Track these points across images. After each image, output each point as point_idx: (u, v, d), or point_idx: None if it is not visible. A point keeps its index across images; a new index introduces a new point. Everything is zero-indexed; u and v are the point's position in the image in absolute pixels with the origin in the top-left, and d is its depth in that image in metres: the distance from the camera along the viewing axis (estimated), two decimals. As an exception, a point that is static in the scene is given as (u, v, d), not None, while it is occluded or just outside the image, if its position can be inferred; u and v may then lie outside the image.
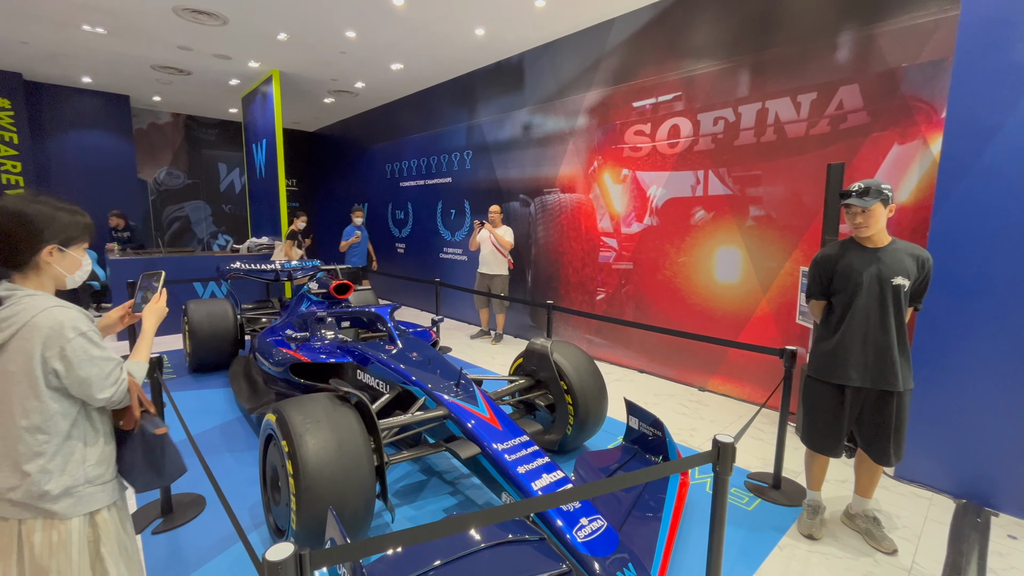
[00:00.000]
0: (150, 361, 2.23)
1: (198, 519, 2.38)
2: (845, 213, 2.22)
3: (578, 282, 5.47)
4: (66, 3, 4.84)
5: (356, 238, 7.01)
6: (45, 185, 7.89)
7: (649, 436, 2.70)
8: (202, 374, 4.57)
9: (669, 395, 4.29)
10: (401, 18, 5.02)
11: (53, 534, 1.18)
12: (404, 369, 2.73)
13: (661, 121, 4.53)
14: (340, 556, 0.99)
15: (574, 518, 1.93)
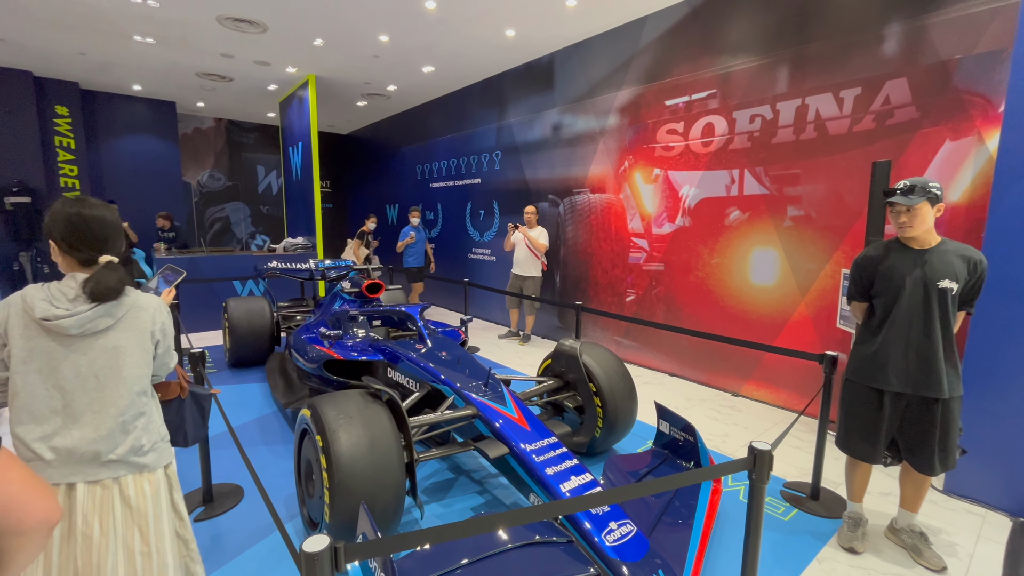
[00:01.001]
0: (192, 356, 2.35)
1: (236, 508, 2.47)
2: (889, 212, 2.12)
3: (607, 283, 5.41)
4: (120, 15, 5.11)
5: (411, 239, 6.90)
6: (98, 188, 8.36)
7: (680, 441, 2.64)
8: (240, 369, 4.74)
9: (701, 400, 4.19)
10: (433, 21, 5.09)
11: (146, 485, 1.37)
12: (433, 368, 2.76)
13: (695, 119, 4.44)
14: (373, 550, 1.00)
15: (603, 522, 1.91)
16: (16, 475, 0.73)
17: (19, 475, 0.73)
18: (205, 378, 2.35)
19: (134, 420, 1.36)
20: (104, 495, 1.30)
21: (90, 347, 1.32)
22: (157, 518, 1.37)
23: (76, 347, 1.31)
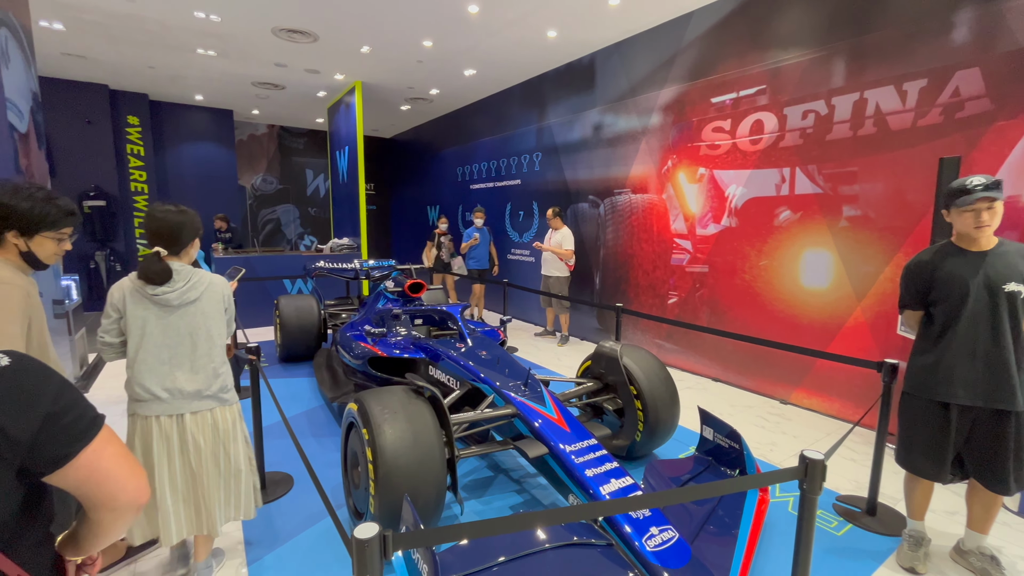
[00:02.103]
0: (248, 350, 2.48)
1: (287, 496, 2.60)
2: (960, 212, 1.98)
3: (648, 285, 5.32)
4: (185, 31, 5.46)
5: (475, 240, 6.71)
6: (164, 192, 8.95)
7: (725, 447, 2.56)
8: (290, 364, 4.96)
9: (746, 406, 4.05)
10: (475, 25, 5.16)
11: (229, 414, 1.92)
12: (473, 367, 2.80)
13: (742, 117, 4.29)
14: (418, 540, 1.04)
15: (644, 526, 1.88)
16: (114, 451, 0.79)
17: (116, 452, 0.80)
18: (260, 370, 2.48)
19: (220, 367, 1.89)
20: (203, 421, 1.84)
21: (185, 314, 1.82)
22: (235, 438, 1.92)
23: (176, 314, 1.81)
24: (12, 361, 0.72)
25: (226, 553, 2.17)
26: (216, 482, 1.86)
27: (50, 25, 5.30)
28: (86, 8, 4.90)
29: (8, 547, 0.72)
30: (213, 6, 4.84)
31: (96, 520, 0.82)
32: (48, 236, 1.60)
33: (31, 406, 0.70)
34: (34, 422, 0.70)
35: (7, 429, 0.67)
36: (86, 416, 0.77)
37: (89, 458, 0.75)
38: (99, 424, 0.79)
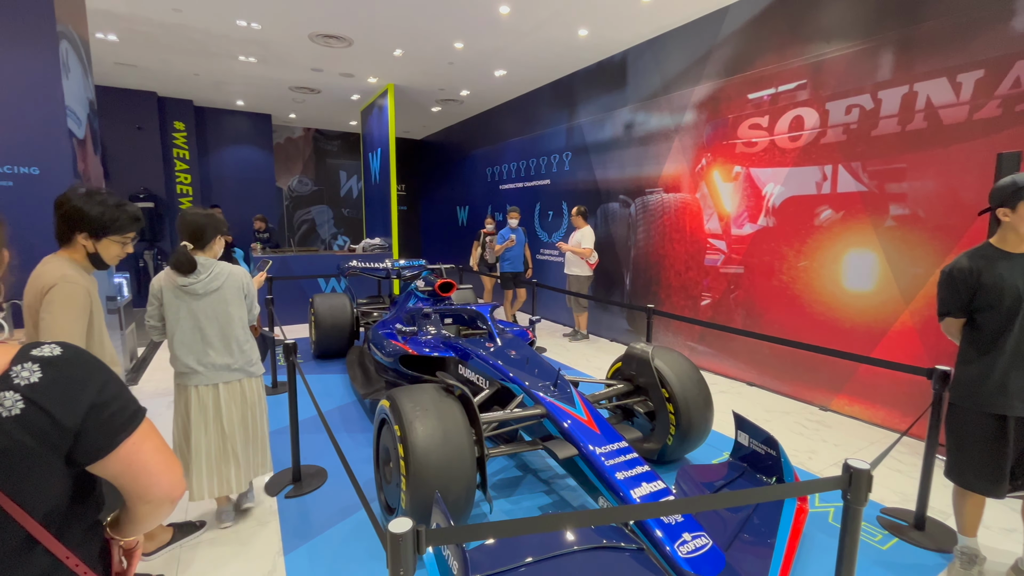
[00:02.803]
0: (286, 346, 2.57)
1: (321, 489, 2.66)
2: (1010, 212, 1.86)
3: (680, 286, 5.21)
4: (227, 39, 5.68)
5: (511, 242, 6.43)
6: (207, 194, 9.34)
7: (761, 454, 2.49)
8: (324, 361, 5.09)
9: (784, 412, 3.91)
10: (506, 25, 5.17)
11: (256, 384, 2.31)
12: (502, 366, 2.81)
13: (781, 113, 4.15)
14: (451, 537, 1.04)
15: (676, 532, 1.85)
16: (152, 446, 0.82)
17: (154, 447, 0.82)
18: (297, 366, 2.56)
19: (244, 344, 2.24)
20: (234, 390, 2.22)
21: (210, 300, 2.15)
22: (259, 405, 2.31)
23: (203, 301, 2.13)
24: (63, 351, 0.75)
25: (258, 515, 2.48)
26: (243, 444, 2.25)
27: (105, 37, 5.61)
28: (138, 20, 5.16)
29: (60, 533, 0.76)
30: (254, 14, 5.02)
31: (133, 510, 0.86)
32: (114, 240, 1.73)
33: (78, 395, 0.73)
34: (80, 410, 0.73)
35: (56, 416, 0.70)
36: (128, 409, 0.79)
37: (128, 451, 0.78)
38: (139, 418, 0.81)
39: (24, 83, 3.29)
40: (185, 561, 2.10)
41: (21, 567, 0.72)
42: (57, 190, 3.45)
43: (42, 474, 0.72)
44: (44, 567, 0.74)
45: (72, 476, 0.77)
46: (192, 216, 2.17)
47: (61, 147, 3.42)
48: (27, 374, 0.70)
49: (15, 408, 0.68)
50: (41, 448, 0.70)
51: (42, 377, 0.71)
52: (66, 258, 1.68)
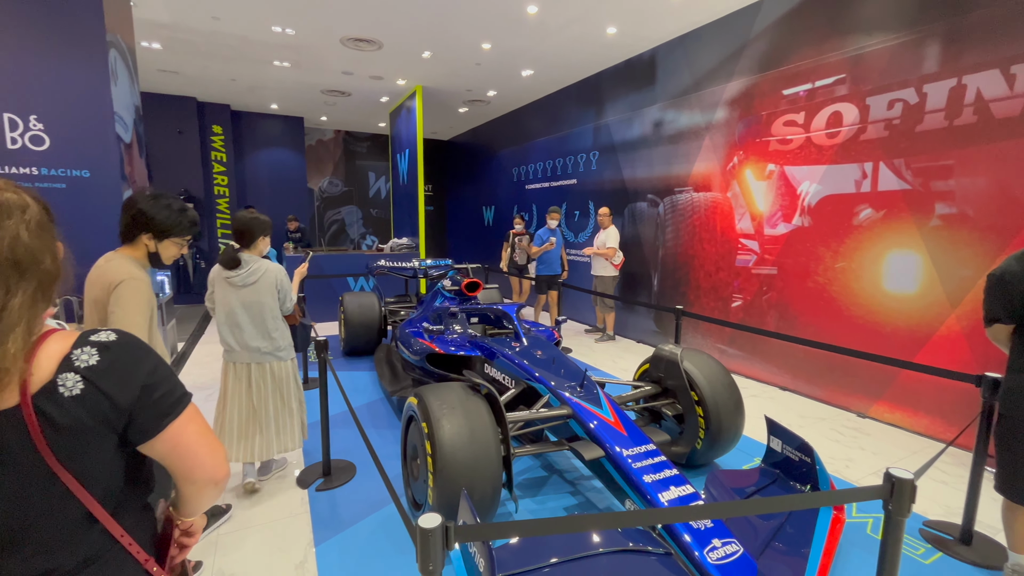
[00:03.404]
0: (318, 343, 2.63)
1: (350, 483, 2.72)
2: None
3: (710, 287, 5.10)
4: (263, 45, 5.87)
5: (551, 244, 6.08)
6: (243, 195, 9.66)
7: (794, 460, 2.41)
8: (353, 358, 5.19)
9: (819, 418, 3.78)
10: (534, 25, 5.17)
11: (282, 367, 2.62)
12: (528, 366, 2.81)
13: (818, 109, 4.02)
14: (479, 533, 1.05)
15: (705, 537, 1.81)
16: (196, 429, 0.85)
17: (198, 430, 0.86)
18: (329, 363, 2.62)
19: (273, 332, 2.55)
20: (264, 371, 2.56)
21: (248, 292, 2.49)
22: (287, 384, 2.63)
23: (242, 292, 2.49)
24: (118, 337, 0.80)
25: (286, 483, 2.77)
26: (270, 419, 2.56)
27: (149, 45, 5.86)
28: (179, 28, 5.38)
29: (115, 512, 0.80)
30: (289, 20, 5.16)
31: (181, 491, 0.90)
32: (174, 241, 1.86)
33: (132, 377, 0.77)
34: (134, 392, 0.77)
35: (112, 396, 0.75)
36: (175, 393, 0.83)
37: (174, 432, 0.81)
38: (185, 402, 0.85)
39: (76, 90, 3.47)
40: (222, 548, 2.18)
41: (81, 544, 0.76)
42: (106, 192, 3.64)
43: (99, 452, 0.76)
44: (101, 545, 0.79)
45: (125, 456, 0.81)
46: (239, 219, 2.55)
47: (110, 151, 3.60)
48: (86, 357, 0.75)
49: (75, 388, 0.72)
50: (99, 427, 0.74)
51: (100, 360, 0.75)
52: (128, 256, 1.80)
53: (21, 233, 0.73)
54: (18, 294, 0.71)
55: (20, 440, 0.70)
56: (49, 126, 3.41)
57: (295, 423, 2.66)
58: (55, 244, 0.80)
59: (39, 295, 0.74)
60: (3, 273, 0.70)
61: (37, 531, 0.73)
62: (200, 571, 2.03)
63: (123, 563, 0.81)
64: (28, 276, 0.72)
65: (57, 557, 0.74)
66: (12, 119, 3.31)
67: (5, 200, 0.73)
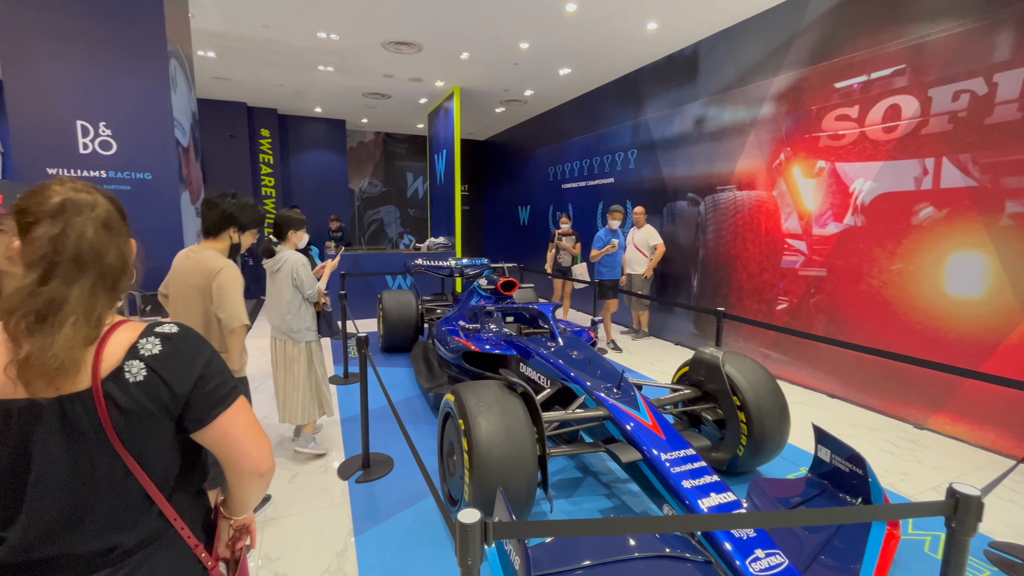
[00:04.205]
0: (359, 339, 2.70)
1: (388, 476, 2.78)
2: None
3: (754, 289, 4.92)
4: (309, 51, 6.08)
5: (613, 247, 5.57)
6: (288, 196, 10.04)
7: (844, 471, 2.30)
8: (390, 354, 5.31)
9: (871, 428, 3.59)
10: (572, 23, 5.13)
11: (294, 347, 2.91)
12: (564, 365, 2.79)
13: (874, 102, 3.81)
14: (517, 531, 1.05)
15: (748, 547, 1.75)
16: (244, 421, 0.89)
17: (246, 422, 0.89)
18: (369, 359, 2.69)
19: (287, 314, 2.86)
20: (278, 347, 2.93)
21: (274, 278, 2.89)
22: (298, 362, 2.91)
23: (272, 279, 2.92)
24: (180, 329, 0.85)
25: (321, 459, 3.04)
26: (280, 388, 2.93)
27: (205, 54, 6.18)
28: (232, 37, 5.65)
29: (171, 496, 0.85)
30: (333, 26, 5.33)
31: (229, 480, 0.94)
32: (252, 233, 2.15)
33: (189, 367, 0.82)
34: (190, 380, 0.81)
35: (171, 383, 0.80)
36: (227, 385, 0.87)
37: (223, 423, 0.85)
38: (236, 395, 0.88)
39: (140, 98, 3.70)
40: (266, 537, 2.28)
41: (140, 524, 0.81)
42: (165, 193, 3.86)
43: (158, 437, 0.81)
44: (157, 528, 0.84)
45: (181, 443, 0.85)
46: (277, 215, 2.95)
47: (169, 155, 3.82)
48: (150, 346, 0.80)
49: (139, 375, 0.78)
50: (158, 412, 0.79)
51: (162, 349, 0.81)
52: (213, 248, 2.03)
53: (87, 230, 0.78)
54: (77, 286, 0.76)
55: (90, 421, 0.75)
56: (116, 132, 3.65)
57: (300, 400, 2.91)
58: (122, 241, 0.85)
59: (100, 287, 0.79)
60: (65, 266, 0.76)
61: (102, 508, 0.78)
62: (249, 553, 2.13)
63: (177, 546, 0.86)
64: (88, 270, 0.78)
65: (119, 535, 0.79)
66: (84, 126, 3.56)
67: (77, 199, 0.79)
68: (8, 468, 0.74)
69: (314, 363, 2.97)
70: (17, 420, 0.73)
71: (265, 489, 0.96)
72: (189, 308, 1.99)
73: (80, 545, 0.77)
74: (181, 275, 2.01)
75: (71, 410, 0.75)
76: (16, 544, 0.74)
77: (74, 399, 0.75)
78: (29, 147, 3.46)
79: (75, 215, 0.78)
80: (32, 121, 3.45)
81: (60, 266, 0.76)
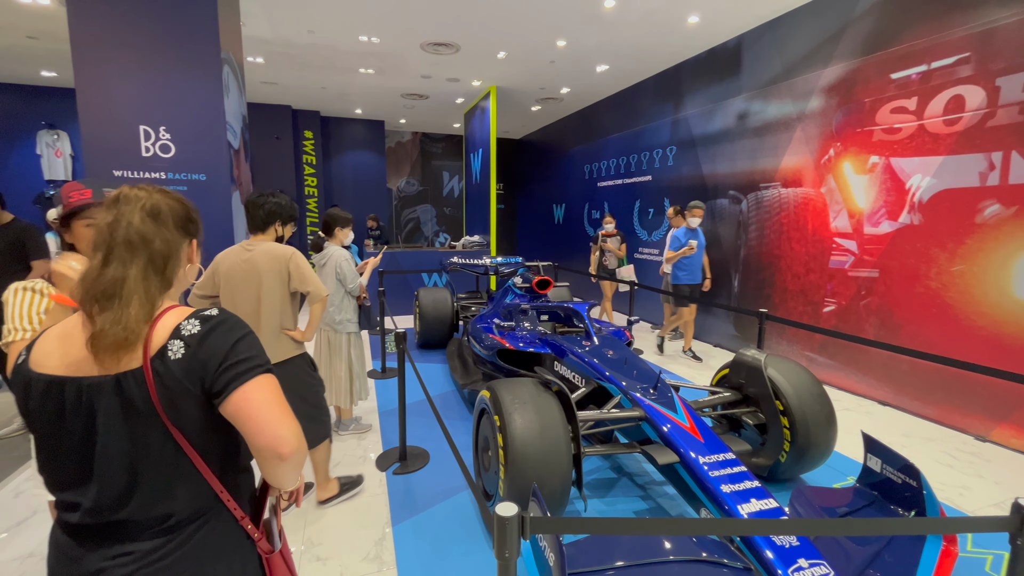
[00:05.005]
0: (397, 335, 2.76)
1: (424, 469, 2.85)
2: None
3: (798, 290, 4.73)
4: (351, 54, 6.25)
5: (690, 249, 4.89)
6: (328, 195, 10.37)
7: (896, 483, 2.18)
8: (426, 350, 5.41)
9: (927, 439, 3.39)
10: (611, 19, 5.07)
11: (336, 338, 3.11)
12: (599, 365, 2.78)
13: (934, 93, 3.59)
14: (554, 527, 1.06)
15: (791, 556, 1.69)
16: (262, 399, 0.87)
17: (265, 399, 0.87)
18: (407, 354, 2.76)
19: (330, 306, 3.04)
20: (325, 337, 3.11)
21: (320, 272, 3.06)
22: (339, 352, 3.10)
23: (317, 272, 3.01)
24: (219, 313, 0.91)
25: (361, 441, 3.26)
26: (328, 376, 3.07)
27: (254, 59, 6.46)
28: (279, 42, 5.88)
29: (219, 471, 0.90)
30: (374, 29, 5.46)
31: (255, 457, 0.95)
32: (292, 227, 2.42)
33: (220, 345, 0.87)
34: (219, 357, 0.86)
35: (205, 361, 0.85)
36: (249, 363, 0.88)
37: (238, 398, 0.85)
38: (257, 372, 0.88)
39: (195, 103, 3.91)
40: (308, 522, 2.37)
41: (191, 495, 0.87)
42: (219, 193, 4.05)
43: (198, 412, 0.86)
44: (208, 501, 0.89)
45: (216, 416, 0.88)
46: (326, 213, 3.16)
47: (222, 157, 4.02)
48: (191, 327, 0.87)
49: (179, 352, 0.84)
50: (193, 388, 0.84)
51: (200, 330, 0.87)
52: (266, 240, 2.29)
53: (133, 218, 0.89)
54: (132, 267, 0.86)
55: (142, 397, 0.82)
56: (174, 136, 3.87)
57: (341, 388, 3.11)
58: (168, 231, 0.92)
59: (151, 270, 0.89)
60: (119, 250, 0.86)
61: (157, 479, 0.84)
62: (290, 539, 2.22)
63: (226, 519, 0.92)
64: (139, 253, 0.87)
65: (173, 505, 0.86)
66: (146, 130, 3.79)
67: (129, 193, 0.91)
68: (81, 439, 0.83)
69: (353, 353, 3.15)
70: (86, 395, 0.82)
71: (292, 473, 0.92)
72: (265, 293, 2.18)
73: (140, 512, 0.84)
74: (245, 267, 2.18)
75: (127, 386, 0.82)
76: (90, 508, 0.83)
77: (128, 376, 0.82)
78: (97, 151, 3.71)
79: (124, 205, 0.89)
80: (100, 126, 3.70)
81: (115, 250, 0.86)
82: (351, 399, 3.18)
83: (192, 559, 0.86)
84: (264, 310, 2.17)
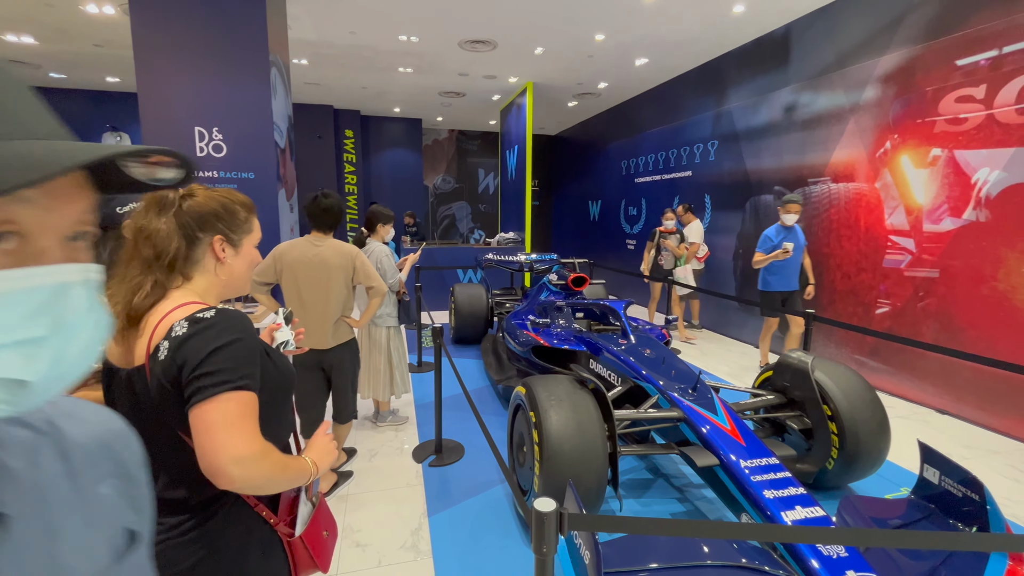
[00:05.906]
0: (434, 330, 2.81)
1: (460, 462, 2.89)
2: None
3: (848, 290, 4.51)
4: (390, 54, 6.38)
5: (784, 252, 4.13)
6: (367, 192, 10.63)
7: (956, 496, 2.05)
8: (460, 346, 5.47)
9: (991, 451, 3.18)
10: (651, 11, 4.96)
11: (377, 332, 3.21)
12: (635, 363, 2.73)
13: (1006, 80, 3.33)
14: (592, 524, 1.06)
15: (838, 567, 1.62)
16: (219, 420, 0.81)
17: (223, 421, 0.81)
18: (444, 348, 2.80)
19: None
20: (366, 331, 3.21)
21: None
22: (379, 345, 3.20)
23: None
24: (214, 316, 0.87)
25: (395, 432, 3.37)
26: (365, 369, 3.16)
27: (299, 62, 6.69)
28: (323, 44, 6.06)
29: None
30: (413, 29, 5.55)
31: None
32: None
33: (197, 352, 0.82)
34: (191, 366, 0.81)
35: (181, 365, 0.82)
36: (218, 377, 0.81)
37: (195, 412, 0.81)
38: (222, 390, 0.81)
39: (245, 105, 4.09)
40: (348, 509, 2.45)
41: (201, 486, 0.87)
42: (266, 190, 4.22)
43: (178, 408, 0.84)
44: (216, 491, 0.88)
45: None
46: (369, 210, 3.24)
47: (269, 156, 4.19)
48: (180, 329, 0.84)
49: (163, 353, 0.83)
50: (172, 389, 0.84)
51: (184, 332, 0.84)
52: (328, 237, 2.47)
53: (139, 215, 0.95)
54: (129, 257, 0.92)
55: (146, 392, 0.85)
56: (226, 136, 4.06)
57: (380, 381, 3.22)
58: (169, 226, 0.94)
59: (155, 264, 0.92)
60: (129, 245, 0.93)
61: (168, 468, 0.88)
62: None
63: (240, 507, 0.92)
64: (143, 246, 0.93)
65: (185, 492, 0.88)
66: (200, 131, 4.00)
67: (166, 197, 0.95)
68: None
69: (393, 347, 3.23)
70: (116, 383, 0.90)
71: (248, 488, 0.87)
72: (333, 285, 2.42)
73: (165, 493, 0.88)
74: (314, 261, 2.39)
75: (136, 381, 0.87)
76: None
77: (134, 372, 0.87)
78: (157, 151, 3.95)
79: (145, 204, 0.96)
80: (160, 128, 3.93)
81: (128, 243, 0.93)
82: (389, 391, 3.27)
83: (212, 536, 0.89)
84: (331, 299, 2.43)
